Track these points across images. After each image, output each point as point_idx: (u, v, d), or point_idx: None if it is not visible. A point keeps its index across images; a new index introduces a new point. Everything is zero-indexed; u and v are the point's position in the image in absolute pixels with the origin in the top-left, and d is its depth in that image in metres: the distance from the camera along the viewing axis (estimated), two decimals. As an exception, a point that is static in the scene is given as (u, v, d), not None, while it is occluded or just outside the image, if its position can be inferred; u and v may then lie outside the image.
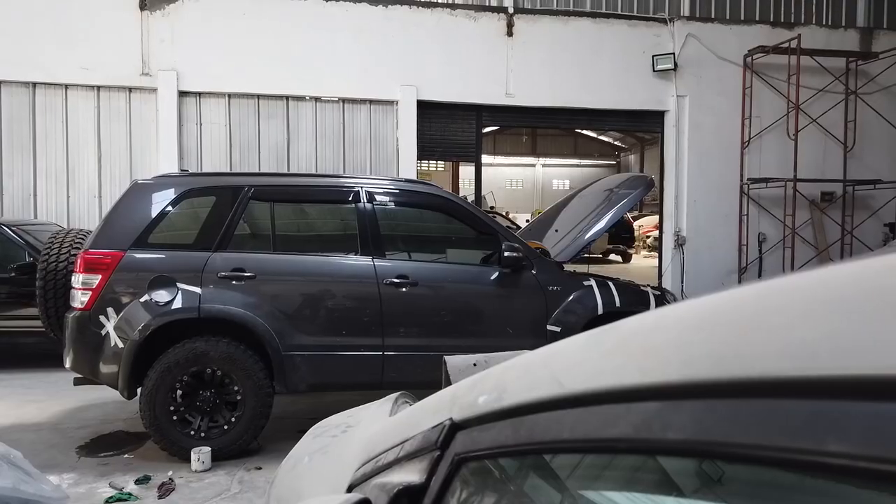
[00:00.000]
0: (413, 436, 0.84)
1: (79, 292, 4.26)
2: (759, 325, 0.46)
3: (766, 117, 10.94)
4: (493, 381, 0.70)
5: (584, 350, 0.59)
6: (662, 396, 0.47)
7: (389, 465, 0.88)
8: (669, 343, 0.51)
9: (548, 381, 0.58)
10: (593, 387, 0.52)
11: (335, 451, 1.37)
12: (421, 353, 4.55)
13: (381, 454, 0.95)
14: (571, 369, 0.57)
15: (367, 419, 1.50)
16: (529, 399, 0.59)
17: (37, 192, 9.20)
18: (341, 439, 1.45)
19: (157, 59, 9.42)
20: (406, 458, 0.83)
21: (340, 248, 4.67)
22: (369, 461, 1.00)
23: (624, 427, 0.48)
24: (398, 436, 0.92)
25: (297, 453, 1.62)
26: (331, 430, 1.64)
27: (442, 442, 0.73)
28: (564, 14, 10.68)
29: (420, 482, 0.74)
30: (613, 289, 4.78)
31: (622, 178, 5.79)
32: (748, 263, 11.00)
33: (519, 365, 0.68)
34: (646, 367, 0.50)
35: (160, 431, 4.23)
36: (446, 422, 0.74)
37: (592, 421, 0.51)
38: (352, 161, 10.18)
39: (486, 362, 1.91)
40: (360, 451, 1.10)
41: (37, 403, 5.71)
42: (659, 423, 0.46)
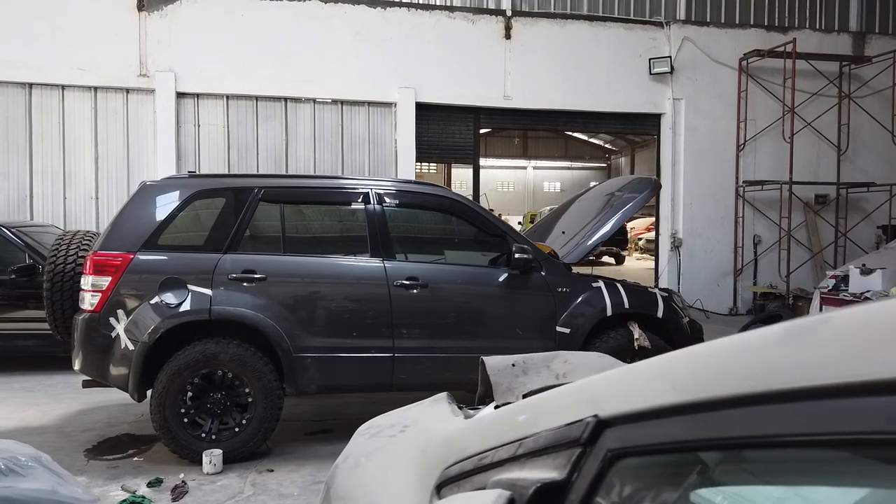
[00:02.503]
0: (534, 433, 0.85)
1: (88, 294, 4.23)
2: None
3: (761, 120, 11.06)
4: (653, 377, 0.71)
5: (786, 345, 0.58)
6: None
7: (501, 463, 0.89)
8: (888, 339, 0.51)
9: (742, 377, 0.59)
10: (809, 383, 0.52)
11: (401, 451, 1.38)
12: (431, 354, 4.55)
13: (484, 452, 0.95)
14: (773, 364, 0.57)
15: (430, 420, 1.51)
16: (719, 394, 0.60)
17: (33, 193, 9.13)
18: (403, 439, 1.46)
19: (155, 60, 9.38)
20: (527, 455, 0.84)
21: (350, 249, 4.67)
22: (465, 459, 1.01)
23: (861, 421, 0.48)
24: (506, 434, 0.93)
25: (353, 453, 1.62)
26: (385, 430, 1.64)
27: (587, 438, 0.74)
28: (562, 17, 10.74)
29: (560, 479, 0.75)
30: (622, 290, 4.81)
31: (625, 181, 5.82)
32: (744, 265, 11.09)
33: (691, 359, 0.68)
34: (869, 360, 0.50)
35: (170, 434, 4.20)
36: (589, 419, 0.75)
37: (805, 416, 0.52)
38: (350, 163, 10.18)
39: (524, 363, 1.92)
40: (441, 449, 1.11)
41: (38, 406, 5.66)
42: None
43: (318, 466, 4.28)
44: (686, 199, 10.90)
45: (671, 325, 4.87)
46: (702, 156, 10.98)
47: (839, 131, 11.33)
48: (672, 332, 4.88)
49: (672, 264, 10.92)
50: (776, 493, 0.61)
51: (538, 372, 1.87)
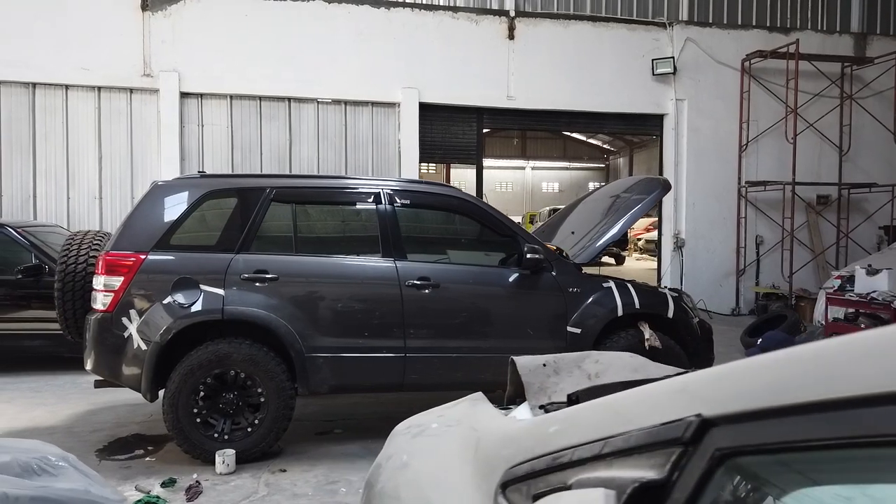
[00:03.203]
0: (622, 433, 0.85)
1: (100, 294, 4.23)
2: None
3: (763, 121, 11.09)
4: (773, 374, 0.71)
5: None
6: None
7: (582, 462, 0.89)
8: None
9: (870, 375, 0.59)
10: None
11: (451, 450, 1.38)
12: (442, 354, 4.55)
13: (560, 452, 0.96)
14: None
15: (476, 420, 1.51)
16: (846, 394, 0.60)
17: (36, 193, 9.11)
18: (450, 438, 1.46)
19: (159, 60, 9.36)
20: (615, 454, 0.84)
21: (362, 249, 4.67)
22: (535, 458, 1.01)
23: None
24: (584, 433, 0.93)
25: (397, 452, 1.62)
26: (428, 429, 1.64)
27: (691, 438, 0.75)
28: (565, 17, 10.76)
29: (660, 478, 0.75)
30: (632, 290, 4.82)
31: (634, 181, 5.83)
32: (746, 266, 11.12)
33: (814, 358, 0.69)
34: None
35: (183, 434, 4.20)
36: (691, 418, 0.76)
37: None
38: (353, 163, 10.18)
39: (555, 362, 1.93)
40: (500, 449, 1.11)
41: (46, 407, 5.65)
42: None
43: (330, 466, 4.28)
44: (689, 199, 10.93)
45: (681, 325, 4.88)
46: (704, 156, 11.00)
47: (841, 132, 11.37)
48: (682, 333, 4.89)
49: (675, 265, 10.94)
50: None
51: (570, 372, 1.87)
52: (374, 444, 4.71)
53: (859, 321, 6.21)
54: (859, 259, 9.59)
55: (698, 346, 4.92)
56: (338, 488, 3.94)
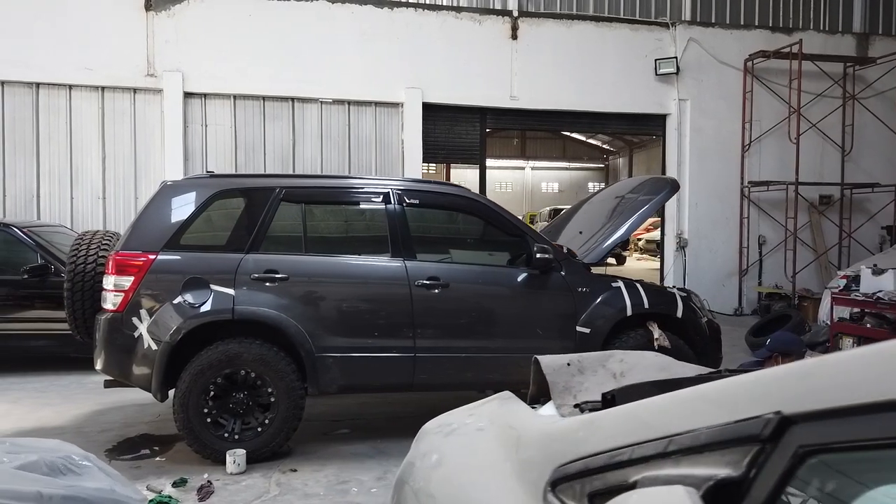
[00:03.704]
0: (688, 430, 0.85)
1: (110, 294, 4.22)
2: None
3: (766, 121, 11.10)
4: (857, 371, 0.71)
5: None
6: None
7: (645, 460, 0.90)
8: None
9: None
10: None
11: (489, 448, 1.38)
12: (452, 354, 4.55)
13: (617, 450, 0.96)
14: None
15: (512, 418, 1.51)
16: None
17: (40, 193, 9.10)
18: (486, 437, 1.46)
19: (162, 60, 9.36)
20: (682, 452, 0.84)
21: (371, 249, 4.67)
22: (588, 457, 1.01)
23: None
24: (644, 432, 0.93)
25: (431, 451, 1.62)
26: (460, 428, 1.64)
27: (770, 435, 0.75)
28: (568, 17, 10.77)
29: (736, 475, 0.75)
30: (641, 290, 4.82)
31: (641, 181, 5.84)
32: (749, 266, 11.13)
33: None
34: None
35: (193, 434, 4.19)
36: (769, 415, 0.76)
37: None
38: (357, 163, 10.18)
39: (580, 362, 1.93)
40: (545, 447, 1.12)
41: (53, 407, 5.64)
42: None
43: (340, 466, 4.28)
44: (691, 199, 10.93)
45: (690, 325, 4.89)
46: (707, 156, 11.02)
47: (843, 132, 11.39)
48: (690, 332, 4.90)
49: (677, 265, 10.95)
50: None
51: (594, 371, 1.88)
52: (382, 444, 4.72)
53: (865, 321, 6.22)
54: (861, 259, 9.61)
55: (707, 345, 4.93)
56: (349, 488, 3.94)
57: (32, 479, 1.54)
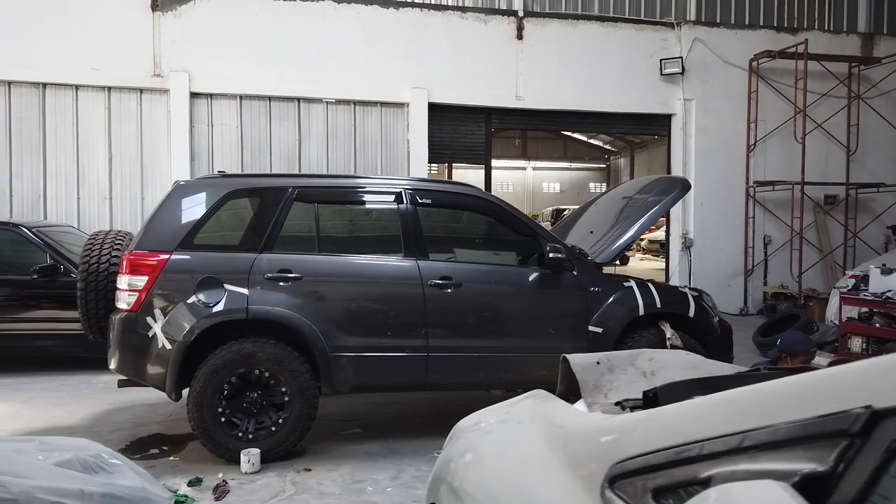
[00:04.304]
0: (764, 426, 0.86)
1: (124, 294, 4.23)
2: None
3: (771, 121, 11.10)
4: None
5: None
6: None
7: (715, 456, 0.90)
8: None
9: None
10: None
11: (533, 445, 1.39)
12: (464, 353, 4.56)
13: (684, 446, 0.97)
14: None
15: (553, 415, 1.51)
16: None
17: (46, 193, 9.10)
18: (528, 434, 1.47)
19: (169, 60, 9.36)
20: (759, 447, 0.85)
21: (384, 249, 4.67)
22: (650, 453, 1.02)
23: None
24: (711, 428, 0.94)
25: (469, 449, 1.63)
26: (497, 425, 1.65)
27: (860, 430, 0.75)
28: (573, 17, 10.78)
29: (824, 470, 0.76)
30: (653, 289, 4.83)
31: (651, 181, 5.85)
32: (754, 265, 11.14)
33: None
34: None
35: (208, 433, 4.20)
36: (858, 410, 0.77)
37: None
38: (363, 163, 10.18)
39: (609, 360, 1.94)
40: (600, 444, 1.12)
41: (63, 407, 5.64)
42: None
43: (354, 465, 4.29)
44: (696, 199, 10.93)
45: (702, 324, 4.89)
46: (712, 156, 11.02)
47: (848, 132, 11.39)
48: (702, 332, 4.90)
49: (683, 265, 10.95)
50: None
51: (624, 370, 1.88)
52: (394, 443, 4.72)
53: (874, 321, 6.23)
54: (867, 259, 9.62)
55: (718, 345, 4.93)
56: (364, 487, 3.95)
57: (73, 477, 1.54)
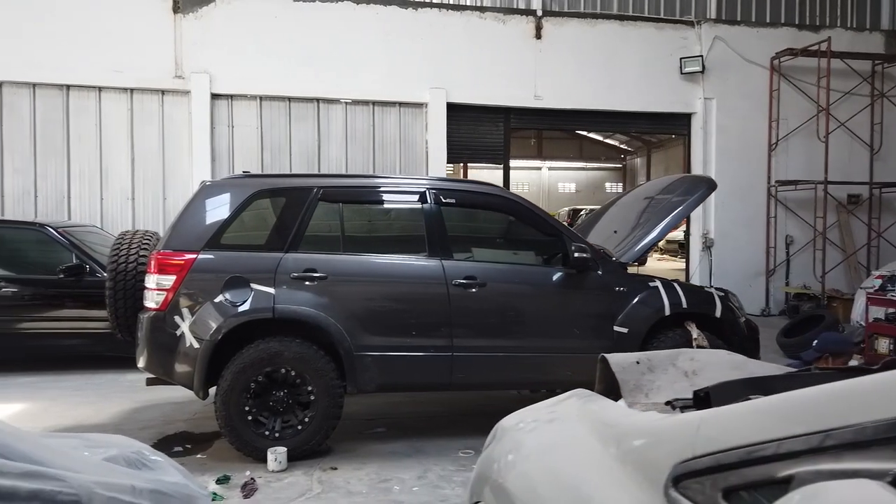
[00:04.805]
0: (852, 425, 0.85)
1: (153, 293, 4.27)
2: None
3: (793, 119, 10.99)
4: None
5: None
6: None
7: (794, 455, 0.89)
8: None
9: None
10: None
11: (583, 444, 1.38)
12: (489, 353, 4.55)
13: (758, 445, 0.96)
14: None
15: (603, 414, 1.51)
16: None
17: (70, 193, 9.21)
18: (576, 433, 1.46)
19: (190, 62, 9.44)
20: (843, 447, 0.84)
21: (408, 249, 4.68)
22: (718, 452, 1.01)
23: None
24: (788, 427, 0.93)
25: (516, 448, 1.62)
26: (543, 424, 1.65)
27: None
28: (592, 16, 10.73)
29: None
30: (679, 289, 4.79)
31: (675, 180, 5.81)
32: (776, 266, 11.02)
33: None
34: None
35: (235, 432, 4.23)
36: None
37: None
38: (381, 163, 10.21)
39: (649, 360, 1.92)
40: (659, 443, 1.12)
41: (91, 405, 5.71)
42: None
43: (380, 465, 4.29)
44: (717, 199, 10.81)
45: (728, 324, 4.85)
46: (733, 156, 10.92)
47: (872, 130, 11.24)
48: (728, 332, 4.85)
49: (703, 265, 10.87)
50: None
51: (664, 369, 1.87)
52: (419, 443, 4.73)
53: (902, 321, 6.14)
54: (891, 259, 9.49)
55: (745, 345, 4.88)
56: (391, 486, 3.95)
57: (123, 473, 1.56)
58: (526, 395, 5.65)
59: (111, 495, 1.34)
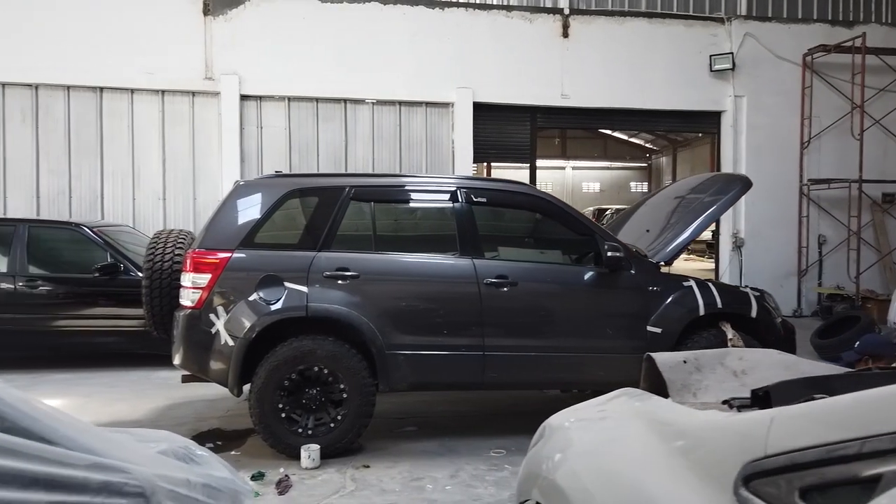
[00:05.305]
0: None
1: (188, 291, 4.33)
2: None
3: (826, 117, 10.78)
4: None
5: None
6: None
7: (880, 454, 0.87)
8: None
9: None
10: None
11: (641, 441, 1.37)
12: (521, 353, 4.54)
13: (839, 444, 0.94)
14: None
15: (659, 413, 1.49)
16: None
17: (103, 194, 9.37)
18: (632, 432, 1.45)
19: (220, 64, 9.55)
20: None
21: (439, 247, 4.68)
22: (796, 451, 1.00)
23: None
24: (873, 426, 0.91)
25: (570, 445, 1.61)
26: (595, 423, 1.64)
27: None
28: (620, 14, 10.64)
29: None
30: (714, 289, 4.73)
31: (708, 178, 5.73)
32: (808, 266, 10.83)
33: None
34: None
35: (269, 429, 4.26)
36: None
37: None
38: (408, 163, 10.22)
39: (696, 359, 1.90)
40: (730, 442, 1.10)
41: (126, 402, 5.80)
42: None
43: (412, 463, 4.30)
44: (748, 198, 10.55)
45: (764, 325, 4.77)
46: (764, 154, 10.75)
47: (908, 127, 10.99)
48: (764, 333, 4.77)
49: (733, 265, 10.72)
50: None
51: (712, 369, 1.84)
52: (450, 442, 4.73)
53: (942, 323, 5.99)
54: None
55: (781, 347, 4.79)
56: (423, 485, 3.95)
57: (178, 467, 1.58)
58: (555, 396, 5.62)
59: (170, 488, 1.36)
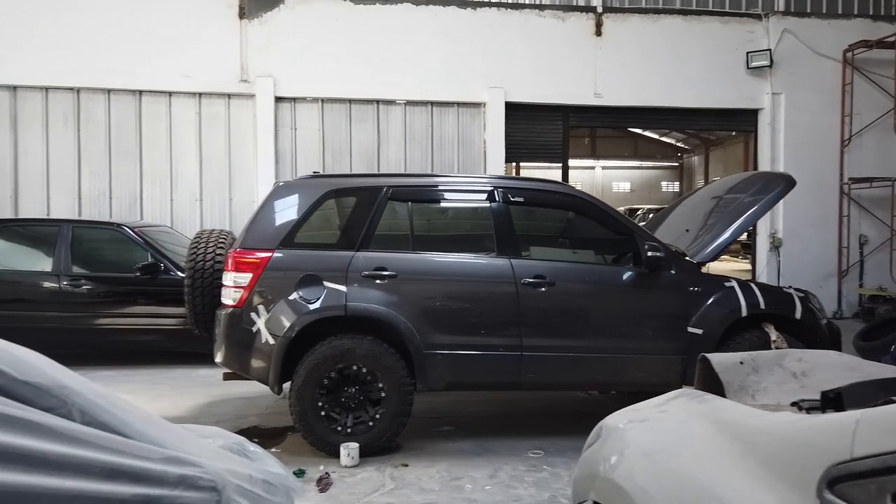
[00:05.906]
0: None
1: (230, 290, 4.39)
2: None
3: (867, 114, 10.52)
4: None
5: None
6: None
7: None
8: None
9: None
10: None
11: (712, 445, 1.35)
12: (559, 353, 4.51)
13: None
14: None
15: (726, 414, 1.47)
16: None
17: (142, 195, 9.56)
18: (702, 434, 1.43)
19: (255, 66, 9.68)
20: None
21: (477, 247, 4.68)
22: (887, 454, 0.97)
23: None
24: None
25: (628, 447, 1.60)
26: (655, 423, 1.62)
27: None
28: (654, 12, 10.52)
29: None
30: (756, 290, 4.65)
31: (748, 177, 5.64)
32: (849, 267, 10.57)
33: None
34: None
35: (308, 427, 4.31)
36: None
37: None
38: (440, 163, 10.24)
39: (753, 360, 1.87)
40: (811, 444, 1.09)
41: (167, 399, 5.91)
42: None
43: (450, 462, 4.31)
44: (786, 197, 10.39)
45: (808, 326, 4.67)
46: (803, 152, 10.52)
47: (953, 124, 10.66)
48: (808, 335, 4.67)
49: (771, 265, 10.52)
50: None
51: (770, 370, 1.81)
52: (488, 442, 4.72)
53: None
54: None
55: (826, 349, 4.69)
56: (462, 484, 3.95)
57: (239, 462, 1.61)
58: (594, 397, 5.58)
59: (238, 483, 1.38)
